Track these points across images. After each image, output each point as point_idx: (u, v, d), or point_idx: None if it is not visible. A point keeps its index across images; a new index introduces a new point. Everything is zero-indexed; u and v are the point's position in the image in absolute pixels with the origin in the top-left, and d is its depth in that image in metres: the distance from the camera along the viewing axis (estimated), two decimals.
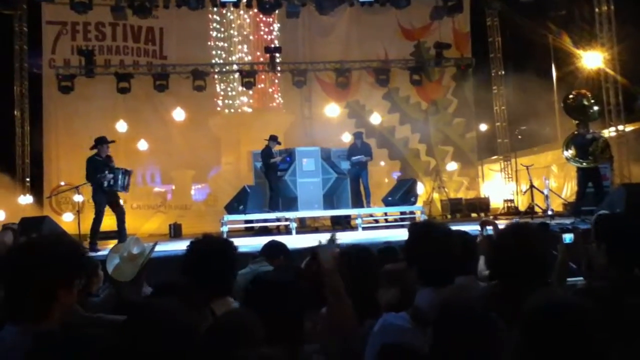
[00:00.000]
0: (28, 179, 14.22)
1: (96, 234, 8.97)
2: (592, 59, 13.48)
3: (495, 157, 16.11)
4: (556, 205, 12.08)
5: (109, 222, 9.61)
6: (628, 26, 12.85)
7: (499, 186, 15.55)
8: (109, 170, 8.89)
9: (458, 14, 15.01)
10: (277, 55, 15.03)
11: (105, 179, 8.80)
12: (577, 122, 9.99)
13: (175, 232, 12.54)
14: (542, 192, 11.37)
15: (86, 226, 11.58)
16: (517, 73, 15.46)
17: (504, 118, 15.74)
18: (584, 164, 9.62)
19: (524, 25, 14.82)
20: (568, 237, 3.47)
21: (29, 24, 14.50)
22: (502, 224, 3.61)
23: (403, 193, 11.63)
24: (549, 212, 10.56)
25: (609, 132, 12.72)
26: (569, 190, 13.37)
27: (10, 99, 14.20)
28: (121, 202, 9.46)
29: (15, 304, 1.86)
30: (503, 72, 15.83)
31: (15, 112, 14.32)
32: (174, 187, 14.97)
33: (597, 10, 13.58)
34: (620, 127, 13.03)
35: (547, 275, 2.66)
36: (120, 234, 9.02)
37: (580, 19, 14.54)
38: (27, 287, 1.86)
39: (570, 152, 9.76)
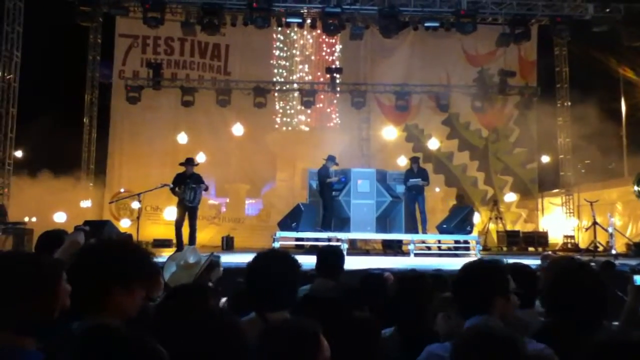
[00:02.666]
0: (91, 184, 14.77)
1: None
2: None
3: (557, 190, 15.56)
4: (619, 244, 11.53)
5: (164, 230, 9.87)
6: None
7: (559, 221, 15.00)
8: (183, 184, 9.72)
9: (525, 41, 14.70)
10: (338, 75, 15.14)
11: (175, 192, 9.76)
12: None
13: (228, 245, 12.70)
14: (606, 230, 10.86)
15: (144, 232, 11.93)
16: (583, 104, 14.95)
17: (567, 150, 15.23)
18: None
19: (593, 56, 14.38)
20: (639, 279, 3.27)
21: (103, 36, 15.18)
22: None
23: (459, 221, 11.35)
24: (613, 252, 10.07)
25: None
26: (634, 229, 12.75)
27: (80, 107, 14.86)
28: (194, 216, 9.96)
29: (75, 298, 1.92)
30: (569, 103, 15.36)
31: (85, 119, 14.96)
32: (228, 200, 15.21)
33: None
34: None
35: (602, 314, 2.54)
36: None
37: None
38: (85, 283, 1.97)
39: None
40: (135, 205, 11.23)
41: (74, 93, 14.86)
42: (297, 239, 10.71)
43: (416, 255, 10.32)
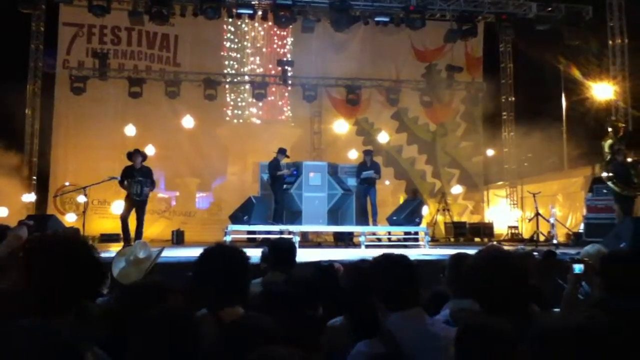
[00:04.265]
0: (35, 178, 14.26)
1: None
2: (603, 91, 13.50)
3: (501, 182, 16.09)
4: (560, 234, 12.03)
5: (112, 224, 9.67)
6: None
7: (503, 212, 15.51)
8: (130, 178, 9.46)
9: (472, 38, 15.08)
10: (289, 68, 15.13)
11: (123, 185, 9.49)
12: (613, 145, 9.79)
13: (178, 239, 12.54)
14: (548, 221, 11.32)
15: (90, 227, 11.63)
16: (527, 100, 15.50)
17: (511, 144, 15.75)
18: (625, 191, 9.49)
19: (536, 53, 14.87)
20: (578, 268, 3.46)
21: (46, 24, 14.63)
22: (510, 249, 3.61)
23: (408, 213, 11.59)
24: (554, 241, 10.50)
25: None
26: (574, 220, 13.32)
27: (22, 97, 14.28)
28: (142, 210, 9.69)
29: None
30: (513, 99, 15.87)
31: (27, 110, 14.40)
32: (178, 194, 15.00)
33: (610, 42, 13.65)
34: (629, 159, 12.98)
35: (524, 302, 2.64)
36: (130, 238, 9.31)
37: (593, 51, 14.59)
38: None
39: (608, 175, 9.69)
40: (81, 199, 10.94)
41: (15, 83, 14.25)
42: (249, 232, 10.69)
43: (367, 246, 10.47)
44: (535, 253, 6.52)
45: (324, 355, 2.73)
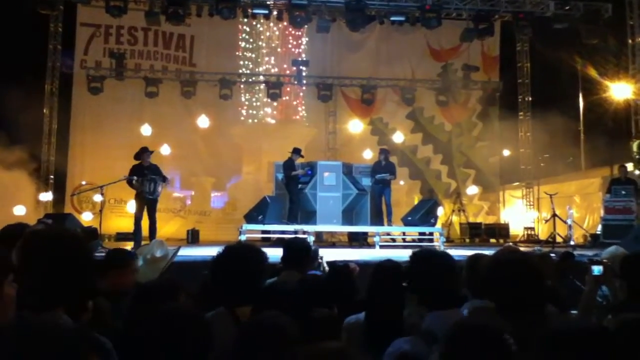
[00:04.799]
0: (52, 177, 14.42)
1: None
2: (621, 90, 13.31)
3: (518, 183, 15.94)
4: (577, 236, 11.90)
5: (128, 223, 9.72)
6: None
7: (519, 213, 15.37)
8: (140, 176, 9.31)
9: (488, 37, 14.95)
10: (304, 68, 15.14)
11: (130, 183, 9.32)
12: None
13: (193, 238, 12.60)
14: (565, 222, 11.21)
15: (106, 226, 11.73)
16: (544, 100, 15.34)
17: (528, 144, 15.60)
18: None
19: (553, 53, 14.72)
20: (597, 269, 3.40)
21: (64, 25, 14.79)
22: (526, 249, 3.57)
23: (423, 214, 11.53)
24: (571, 243, 10.39)
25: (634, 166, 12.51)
26: (591, 221, 13.16)
27: (40, 97, 14.45)
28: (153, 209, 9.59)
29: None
30: (530, 99, 15.72)
31: (45, 110, 14.57)
32: (193, 193, 15.08)
33: (630, 41, 13.46)
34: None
35: (541, 303, 2.61)
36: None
37: (612, 49, 14.40)
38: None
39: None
40: (97, 198, 11.03)
41: (33, 83, 14.42)
42: (264, 232, 10.71)
43: (381, 247, 10.44)
44: (552, 254, 6.46)
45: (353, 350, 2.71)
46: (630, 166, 11.98)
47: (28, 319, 1.72)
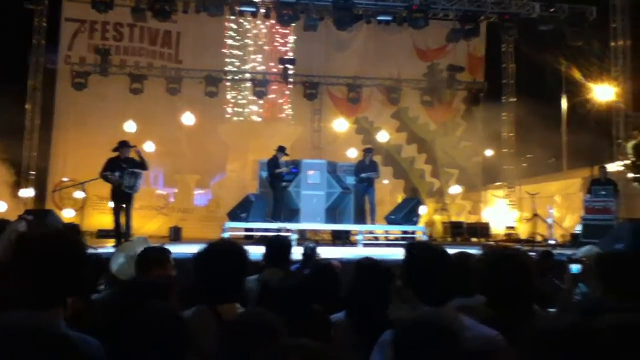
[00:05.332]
0: (33, 173, 14.28)
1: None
2: (604, 92, 13.49)
3: (500, 183, 16.09)
4: (557, 235, 12.04)
5: (110, 220, 9.64)
6: None
7: (501, 212, 15.52)
8: (118, 170, 9.06)
9: (474, 37, 15.06)
10: (291, 66, 15.16)
11: (107, 178, 9.10)
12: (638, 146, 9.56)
13: (176, 235, 12.55)
14: (546, 222, 11.34)
15: (89, 222, 11.68)
16: (527, 101, 15.46)
17: (511, 145, 15.75)
18: None
19: (538, 54, 14.87)
20: (575, 268, 3.47)
21: (48, 20, 14.65)
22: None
23: (406, 212, 11.62)
24: (552, 242, 10.52)
25: (617, 166, 12.68)
26: (571, 221, 13.32)
27: (23, 92, 14.31)
28: (131, 203, 9.40)
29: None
30: (514, 99, 15.87)
31: (27, 105, 14.43)
32: (177, 190, 15.03)
33: (612, 44, 13.64)
34: (627, 162, 12.99)
35: (530, 300, 2.67)
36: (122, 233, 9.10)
37: (595, 52, 14.58)
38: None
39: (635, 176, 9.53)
40: (79, 194, 10.97)
41: (16, 78, 14.27)
42: (247, 230, 10.72)
43: (364, 245, 10.50)
44: (532, 253, 6.55)
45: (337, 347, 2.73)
46: (611, 166, 12.14)
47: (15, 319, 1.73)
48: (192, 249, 2.92)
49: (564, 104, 15.02)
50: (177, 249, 7.80)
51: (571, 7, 13.87)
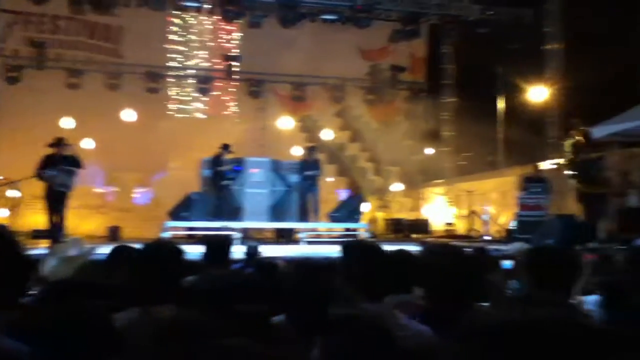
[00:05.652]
0: None
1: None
2: (538, 93, 14.05)
3: (439, 180, 16.54)
4: (493, 231, 12.50)
5: (43, 220, 9.35)
6: (575, 64, 13.46)
7: (440, 209, 15.96)
8: (54, 168, 8.83)
9: (416, 38, 15.41)
10: (236, 63, 15.07)
11: (41, 176, 8.86)
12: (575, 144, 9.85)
13: (114, 235, 12.24)
14: (482, 218, 11.75)
15: (23, 223, 11.25)
16: (467, 101, 15.96)
17: (450, 144, 16.21)
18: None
19: (477, 56, 15.34)
20: (507, 264, 3.61)
21: None
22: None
23: (349, 210, 11.79)
24: (487, 238, 10.91)
25: (550, 164, 13.24)
26: (506, 217, 13.84)
27: None
28: (65, 202, 9.14)
29: None
30: (453, 99, 16.32)
31: None
32: (116, 189, 14.68)
33: (547, 46, 14.23)
34: (559, 160, 13.59)
35: (470, 297, 2.79)
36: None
37: (531, 54, 15.16)
38: None
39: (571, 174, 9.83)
40: (13, 193, 10.57)
41: None
42: (189, 229, 10.62)
43: (308, 243, 10.60)
44: (468, 249, 6.80)
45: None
46: (544, 164, 12.67)
47: None
48: None
49: (501, 104, 15.56)
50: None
51: (509, 10, 14.38)
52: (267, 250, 7.62)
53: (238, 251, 5.43)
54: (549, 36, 14.29)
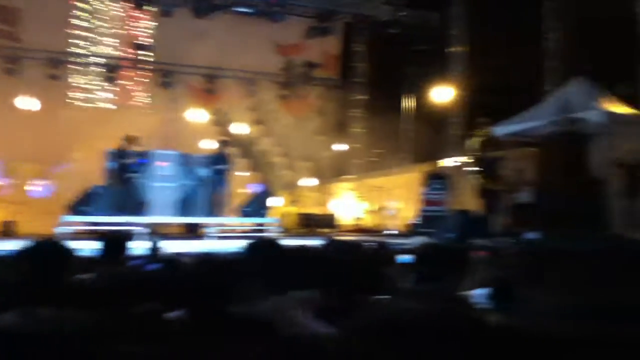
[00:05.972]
0: None
1: None
2: (444, 94, 14.64)
3: (350, 176, 16.88)
4: (399, 226, 12.93)
5: None
6: (478, 66, 14.14)
7: (350, 204, 16.30)
8: None
9: (330, 35, 15.61)
10: (146, 53, 14.63)
11: None
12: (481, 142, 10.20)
13: (8, 230, 11.55)
14: (388, 213, 12.12)
15: None
16: (377, 99, 16.39)
17: (360, 140, 16.59)
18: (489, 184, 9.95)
19: (388, 55, 15.78)
20: (405, 258, 3.75)
21: None
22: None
23: (259, 205, 11.77)
24: (393, 232, 11.27)
25: (452, 162, 13.86)
26: (412, 212, 14.36)
27: None
28: None
29: None
30: (365, 97, 16.70)
31: None
32: (12, 180, 13.81)
33: (452, 49, 14.85)
34: (459, 158, 14.24)
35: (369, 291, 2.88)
36: None
37: (437, 56, 15.76)
38: None
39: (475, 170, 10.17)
40: None
41: None
42: (90, 224, 10.20)
43: (217, 238, 10.48)
44: (373, 244, 7.02)
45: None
46: (447, 162, 13.25)
47: None
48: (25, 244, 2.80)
49: (409, 103, 16.08)
50: (10, 245, 7.25)
51: (417, 13, 14.89)
52: (173, 246, 7.49)
53: (140, 247, 5.32)
54: (453, 39, 14.91)
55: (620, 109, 10.71)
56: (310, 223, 14.61)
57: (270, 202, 12.17)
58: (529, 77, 13.66)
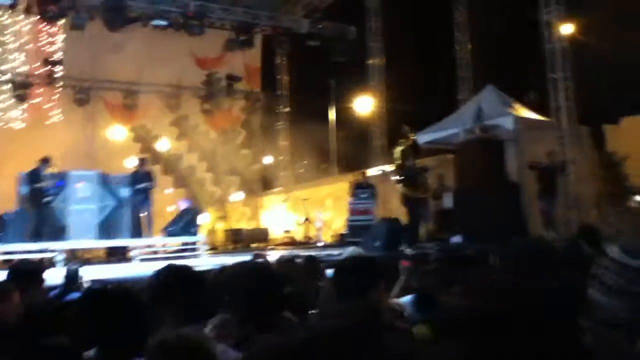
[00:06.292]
0: None
1: None
2: (364, 104, 14.96)
3: (278, 189, 16.87)
4: (327, 236, 13.02)
5: None
6: (396, 77, 14.55)
7: (279, 217, 16.27)
8: None
9: (249, 48, 15.55)
10: (58, 68, 14.02)
11: None
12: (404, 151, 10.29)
13: None
14: (315, 224, 12.19)
15: None
16: (301, 111, 16.50)
17: (286, 152, 16.63)
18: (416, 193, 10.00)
19: (309, 67, 15.92)
20: (331, 272, 3.74)
21: None
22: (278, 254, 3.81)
23: (185, 223, 11.46)
24: (321, 244, 11.34)
25: (376, 171, 14.15)
26: (340, 222, 14.53)
27: None
28: None
29: None
30: (288, 109, 16.76)
31: None
32: None
33: (370, 61, 15.18)
34: (384, 167, 14.58)
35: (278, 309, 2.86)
36: None
37: (356, 67, 16.08)
38: None
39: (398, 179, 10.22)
40: None
41: None
42: (4, 253, 9.58)
43: (142, 260, 10.12)
44: (298, 259, 7.00)
45: None
46: (371, 171, 13.50)
47: None
48: None
49: (332, 114, 16.30)
50: None
51: (335, 25, 15.13)
52: (95, 272, 7.17)
53: (57, 275, 5.06)
54: (371, 51, 15.25)
55: (530, 115, 11.35)
56: (239, 239, 14.43)
57: (197, 219, 11.91)
58: (443, 86, 14.23)
